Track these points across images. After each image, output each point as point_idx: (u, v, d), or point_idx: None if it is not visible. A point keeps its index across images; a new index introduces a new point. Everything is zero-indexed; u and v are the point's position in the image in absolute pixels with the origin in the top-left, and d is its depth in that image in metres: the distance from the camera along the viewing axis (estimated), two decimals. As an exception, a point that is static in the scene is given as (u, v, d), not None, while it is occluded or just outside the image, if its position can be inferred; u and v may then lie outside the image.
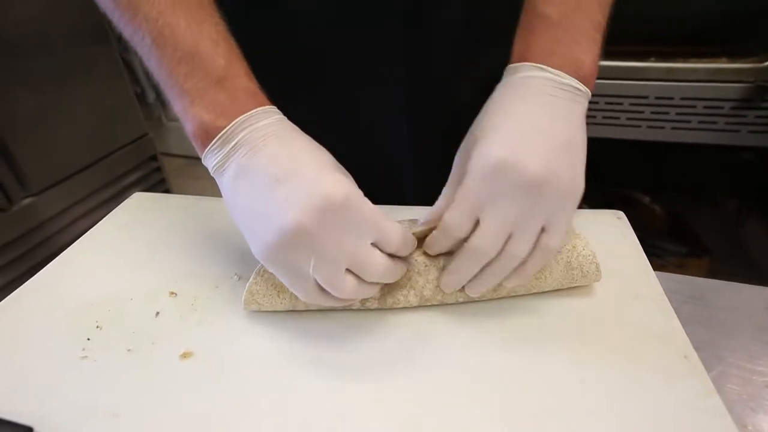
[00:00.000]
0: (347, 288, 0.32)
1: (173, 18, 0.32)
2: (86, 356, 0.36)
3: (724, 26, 1.05)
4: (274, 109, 0.35)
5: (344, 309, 0.38)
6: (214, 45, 0.33)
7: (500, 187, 0.31)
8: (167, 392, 0.33)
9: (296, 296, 0.36)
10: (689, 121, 1.08)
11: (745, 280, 0.46)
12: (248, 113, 0.33)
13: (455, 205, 0.33)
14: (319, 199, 0.30)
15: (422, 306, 0.38)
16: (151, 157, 1.91)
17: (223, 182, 0.34)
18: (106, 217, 0.54)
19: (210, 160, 0.34)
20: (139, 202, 0.57)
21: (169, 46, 0.32)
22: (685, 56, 1.05)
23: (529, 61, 0.35)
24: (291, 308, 0.38)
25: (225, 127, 0.32)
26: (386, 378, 0.33)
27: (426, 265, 0.37)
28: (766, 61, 1.00)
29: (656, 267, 0.42)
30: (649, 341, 0.35)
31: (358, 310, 0.38)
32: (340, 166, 0.35)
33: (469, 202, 0.32)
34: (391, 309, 0.38)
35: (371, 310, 0.38)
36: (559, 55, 0.34)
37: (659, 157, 1.32)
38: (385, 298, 0.37)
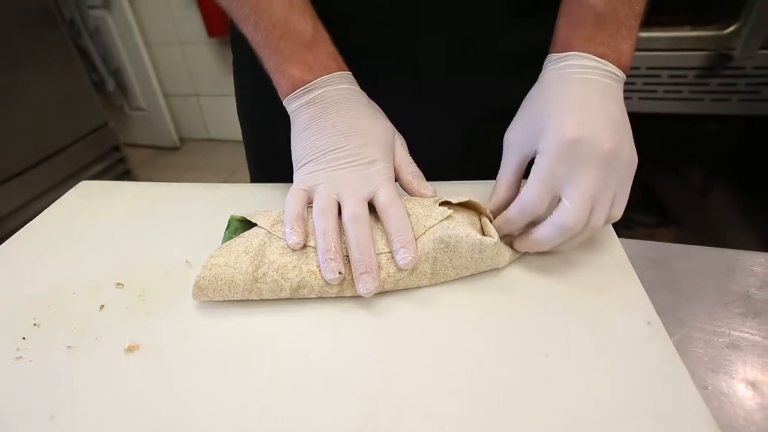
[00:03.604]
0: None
1: None
2: (21, 356, 0.33)
3: (688, -6, 1.05)
4: (349, 74, 0.42)
5: (300, 298, 0.36)
6: (302, 14, 0.40)
7: (579, 161, 0.33)
8: (110, 389, 0.31)
9: (248, 289, 0.35)
10: (655, 91, 1.08)
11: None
12: (329, 75, 0.40)
13: (534, 183, 0.35)
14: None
15: (379, 292, 0.37)
16: (113, 148, 1.84)
17: (296, 122, 0.41)
18: (48, 208, 0.50)
19: (291, 104, 0.41)
20: (85, 191, 0.53)
21: (264, 13, 0.40)
22: (650, 25, 1.05)
23: (575, 50, 0.37)
24: (244, 299, 0.36)
25: (310, 81, 0.40)
26: (344, 363, 0.32)
27: (388, 259, 0.36)
28: (727, 28, 1.00)
29: (626, 237, 0.42)
30: (613, 309, 0.34)
31: (316, 298, 0.36)
32: (395, 132, 0.42)
33: (548, 179, 0.34)
34: (349, 297, 0.36)
35: (329, 298, 0.36)
36: (604, 45, 0.37)
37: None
38: (343, 288, 0.35)
